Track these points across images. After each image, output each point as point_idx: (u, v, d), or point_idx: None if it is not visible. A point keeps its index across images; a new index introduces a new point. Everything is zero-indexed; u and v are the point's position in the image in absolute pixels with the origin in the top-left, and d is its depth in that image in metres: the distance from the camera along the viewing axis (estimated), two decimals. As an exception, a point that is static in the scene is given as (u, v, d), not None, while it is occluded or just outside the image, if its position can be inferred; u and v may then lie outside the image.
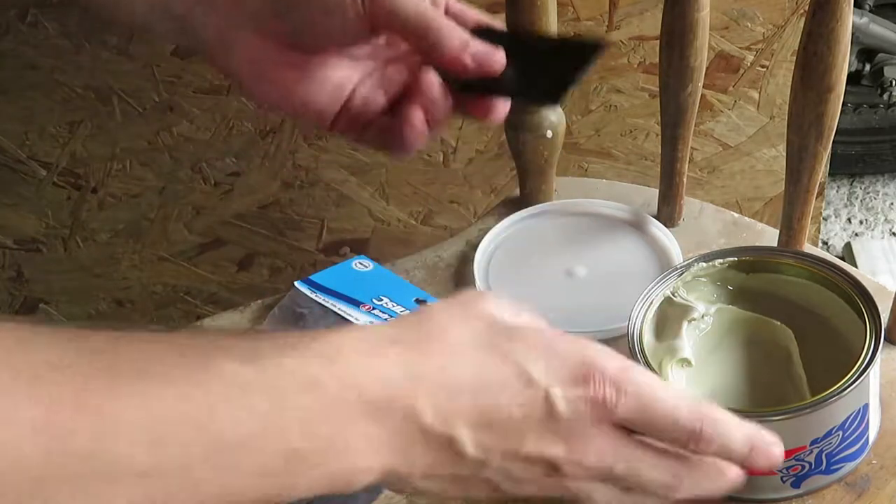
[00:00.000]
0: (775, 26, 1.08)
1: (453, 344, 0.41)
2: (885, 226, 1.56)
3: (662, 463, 0.43)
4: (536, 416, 0.41)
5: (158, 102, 1.10)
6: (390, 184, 1.17)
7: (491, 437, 0.41)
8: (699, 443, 0.43)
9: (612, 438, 0.42)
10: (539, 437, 0.41)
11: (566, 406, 0.41)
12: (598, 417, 0.42)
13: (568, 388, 0.41)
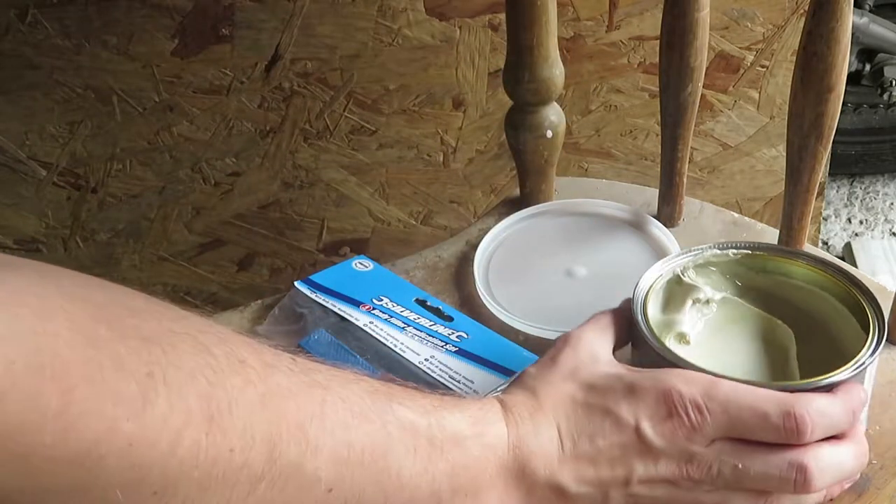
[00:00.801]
0: (775, 26, 1.08)
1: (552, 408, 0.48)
2: (885, 226, 1.56)
3: (774, 456, 0.46)
4: (636, 449, 0.46)
5: (158, 102, 1.10)
6: (390, 184, 1.17)
7: (596, 472, 0.46)
8: (798, 423, 0.45)
9: (712, 449, 0.46)
10: (645, 463, 0.46)
11: (658, 438, 0.46)
12: (692, 439, 0.46)
13: (655, 422, 0.46)
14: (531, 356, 0.67)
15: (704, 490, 0.47)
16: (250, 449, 0.38)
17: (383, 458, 0.42)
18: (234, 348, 0.39)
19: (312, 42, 1.07)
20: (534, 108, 0.77)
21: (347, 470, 0.41)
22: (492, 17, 1.06)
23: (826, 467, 0.47)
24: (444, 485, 0.44)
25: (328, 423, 0.41)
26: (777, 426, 0.45)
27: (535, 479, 0.46)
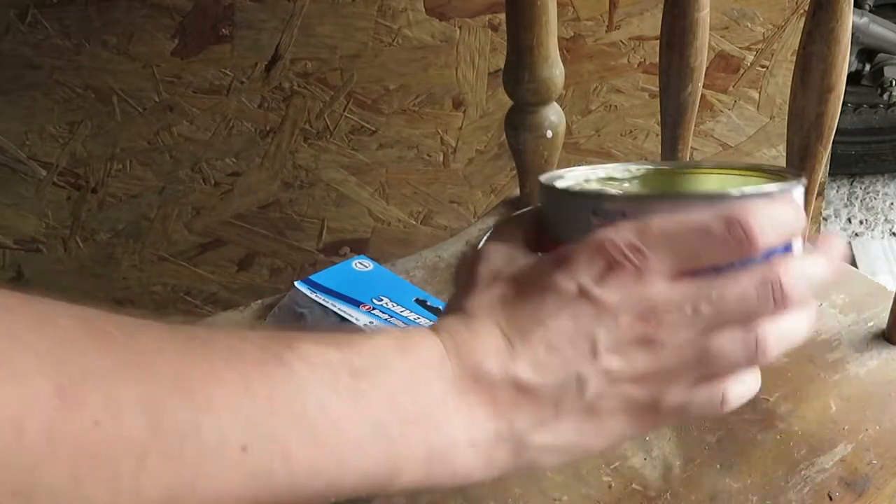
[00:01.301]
0: (775, 26, 1.08)
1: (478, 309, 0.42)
2: (885, 226, 1.56)
3: (742, 277, 0.40)
4: (589, 313, 0.40)
5: (158, 102, 1.10)
6: (390, 184, 1.17)
7: (557, 354, 0.40)
8: (745, 228, 0.40)
9: (675, 290, 0.40)
10: (605, 325, 0.40)
11: (607, 292, 0.40)
12: (642, 283, 0.40)
13: (597, 278, 0.40)
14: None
15: (685, 342, 0.40)
16: (120, 418, 0.32)
17: (300, 401, 0.36)
18: (88, 319, 0.34)
19: (312, 42, 1.07)
20: (534, 108, 0.77)
21: (258, 421, 0.35)
22: (492, 17, 1.06)
23: (800, 276, 0.41)
24: (385, 416, 0.37)
25: (219, 374, 0.35)
26: (723, 237, 0.40)
27: (493, 383, 0.39)
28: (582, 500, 0.60)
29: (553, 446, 0.41)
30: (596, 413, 0.41)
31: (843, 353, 0.68)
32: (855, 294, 0.73)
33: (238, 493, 0.35)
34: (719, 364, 0.41)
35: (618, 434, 0.41)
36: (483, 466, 0.40)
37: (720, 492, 0.59)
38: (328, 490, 0.37)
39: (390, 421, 0.37)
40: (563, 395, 0.40)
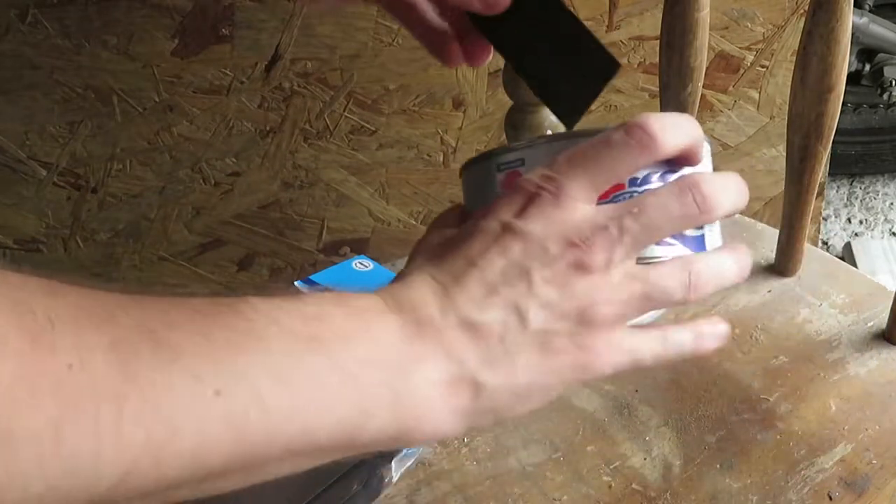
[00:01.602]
0: (775, 26, 1.08)
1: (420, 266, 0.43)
2: (885, 226, 1.56)
3: (663, 190, 0.41)
4: (516, 247, 0.41)
5: (158, 102, 1.10)
6: (390, 184, 1.17)
7: (493, 290, 0.40)
8: (644, 128, 0.41)
9: (596, 212, 0.41)
10: (536, 256, 0.40)
11: (530, 223, 0.41)
12: (562, 207, 0.41)
13: (519, 213, 0.41)
14: (531, 356, 0.67)
15: (620, 266, 0.41)
16: (93, 362, 0.32)
17: (262, 346, 0.36)
18: (45, 279, 0.34)
19: (312, 42, 1.07)
20: (534, 108, 0.77)
21: (226, 365, 0.35)
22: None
23: (718, 185, 0.42)
24: (345, 359, 0.38)
25: (180, 324, 0.35)
26: (626, 142, 0.41)
27: (436, 326, 0.40)
28: (582, 500, 0.60)
29: (510, 386, 0.40)
30: (546, 349, 0.40)
31: (843, 353, 0.68)
32: (855, 294, 0.73)
33: (217, 439, 0.35)
34: (658, 297, 0.41)
35: (572, 370, 0.41)
36: (447, 412, 0.40)
37: (720, 492, 0.59)
38: (304, 438, 0.37)
39: (349, 362, 0.38)
40: (506, 331, 0.40)
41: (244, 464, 0.37)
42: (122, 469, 0.33)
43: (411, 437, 0.40)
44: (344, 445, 0.39)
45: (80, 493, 0.33)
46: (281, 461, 0.38)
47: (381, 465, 0.60)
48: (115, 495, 0.34)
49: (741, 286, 0.74)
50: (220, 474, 0.36)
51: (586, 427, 0.64)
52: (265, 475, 0.38)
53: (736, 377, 0.67)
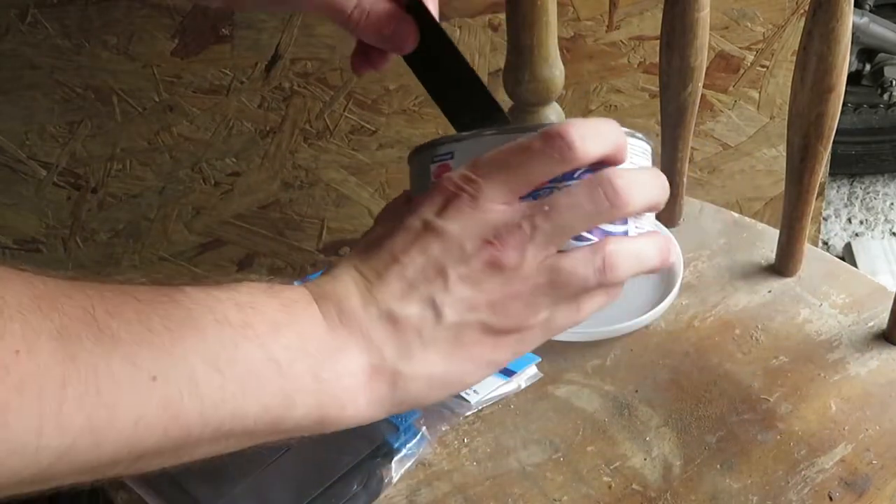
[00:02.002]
0: (775, 26, 1.08)
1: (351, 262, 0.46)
2: (885, 226, 1.56)
3: (573, 188, 0.43)
4: (434, 245, 0.43)
5: (158, 102, 1.10)
6: (390, 184, 1.17)
7: (412, 285, 0.43)
8: (563, 136, 0.42)
9: (510, 210, 0.43)
10: (452, 254, 0.43)
11: (448, 222, 0.43)
12: (478, 208, 0.43)
13: (439, 212, 0.43)
14: (531, 356, 0.67)
15: (533, 262, 0.43)
16: (39, 348, 0.34)
17: (198, 333, 0.38)
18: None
19: (312, 42, 1.07)
20: (534, 108, 0.77)
21: (163, 352, 0.37)
22: (492, 17, 1.06)
23: (631, 181, 0.43)
24: (272, 346, 0.40)
25: (120, 312, 0.37)
26: (544, 150, 0.42)
27: (357, 318, 0.42)
28: (582, 499, 0.60)
29: (426, 376, 0.43)
30: (460, 342, 0.43)
31: (843, 353, 0.68)
32: (855, 294, 0.73)
33: (152, 423, 0.37)
34: (571, 284, 0.43)
35: (487, 361, 0.44)
36: (367, 399, 0.42)
37: (720, 492, 0.59)
38: (234, 422, 0.39)
39: (277, 350, 0.40)
40: (423, 325, 0.42)
41: (178, 445, 0.39)
42: (62, 449, 0.35)
43: (332, 423, 0.42)
44: (270, 430, 0.41)
45: (21, 470, 0.35)
46: (212, 443, 0.40)
47: (381, 465, 0.60)
48: (53, 472, 0.36)
49: (741, 286, 0.74)
50: (155, 454, 0.38)
51: (586, 427, 0.64)
52: (197, 455, 0.40)
53: (736, 377, 0.67)
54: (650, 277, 0.71)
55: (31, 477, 0.35)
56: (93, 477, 0.38)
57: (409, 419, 0.62)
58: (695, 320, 0.71)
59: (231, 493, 0.58)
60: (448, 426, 0.63)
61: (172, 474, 0.59)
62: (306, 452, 0.60)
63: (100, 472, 0.38)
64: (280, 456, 0.60)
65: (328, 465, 0.60)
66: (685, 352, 0.69)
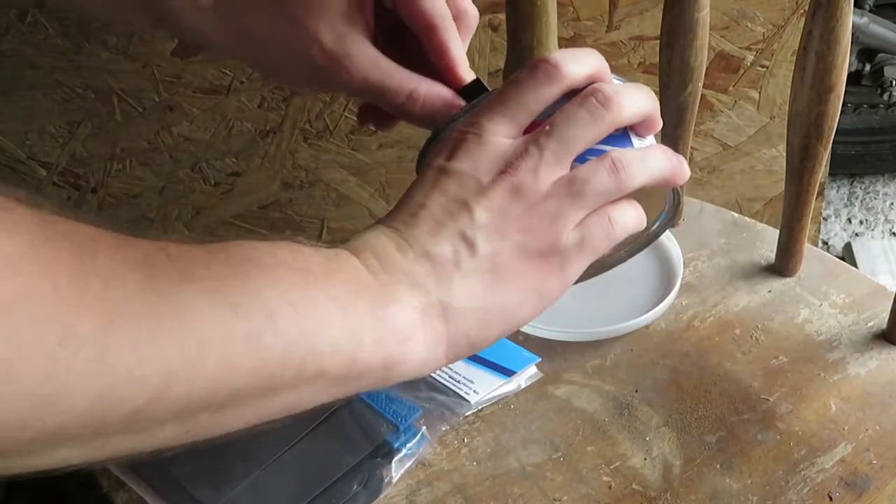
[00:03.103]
0: (775, 26, 1.08)
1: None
2: (885, 226, 1.56)
3: (567, 106, 0.45)
4: (451, 184, 0.45)
5: (158, 102, 1.10)
6: (390, 184, 1.17)
7: (441, 223, 0.44)
8: (547, 60, 0.46)
9: (518, 141, 0.45)
10: (470, 188, 0.45)
11: (459, 163, 0.45)
12: (485, 143, 0.45)
13: (451, 157, 0.46)
14: (531, 356, 0.67)
15: (548, 180, 0.44)
16: (125, 280, 0.35)
17: (261, 270, 0.39)
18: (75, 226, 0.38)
19: (312, 42, 1.07)
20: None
21: (237, 283, 0.38)
22: (492, 17, 1.06)
23: (619, 89, 0.46)
24: (333, 288, 0.41)
25: (180, 253, 0.38)
26: (532, 78, 0.46)
27: (396, 261, 0.44)
28: (582, 499, 0.60)
29: (475, 308, 0.44)
30: (500, 270, 0.44)
31: (843, 353, 0.68)
32: (855, 294, 0.73)
33: (238, 361, 0.37)
34: (589, 191, 0.45)
35: (535, 290, 0.45)
36: (425, 339, 0.43)
37: (720, 492, 0.59)
38: (312, 361, 0.40)
39: (336, 292, 0.41)
40: (459, 258, 0.44)
41: (261, 387, 0.39)
42: (157, 384, 0.35)
43: (398, 366, 0.43)
44: (343, 372, 0.41)
45: (120, 408, 0.35)
46: (293, 389, 0.40)
47: (381, 465, 0.61)
48: (150, 412, 0.36)
49: (741, 286, 0.74)
50: (240, 398, 0.38)
51: (586, 427, 0.64)
52: (278, 406, 0.41)
53: (736, 377, 0.67)
54: (650, 277, 0.71)
55: (127, 416, 0.35)
56: (181, 428, 0.38)
57: (408, 419, 0.62)
58: (695, 320, 0.71)
59: (231, 493, 0.58)
60: (448, 426, 0.64)
61: (172, 474, 0.59)
62: (306, 452, 0.60)
63: (189, 420, 0.38)
64: (280, 456, 0.60)
65: (328, 465, 0.60)
66: (685, 352, 0.69)
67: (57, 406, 0.33)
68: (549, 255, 0.44)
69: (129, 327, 0.34)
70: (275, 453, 0.60)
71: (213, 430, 0.40)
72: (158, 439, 0.37)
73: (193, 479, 0.59)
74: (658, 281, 0.73)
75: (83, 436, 0.35)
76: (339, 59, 0.53)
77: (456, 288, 0.43)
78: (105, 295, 0.34)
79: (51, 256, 0.34)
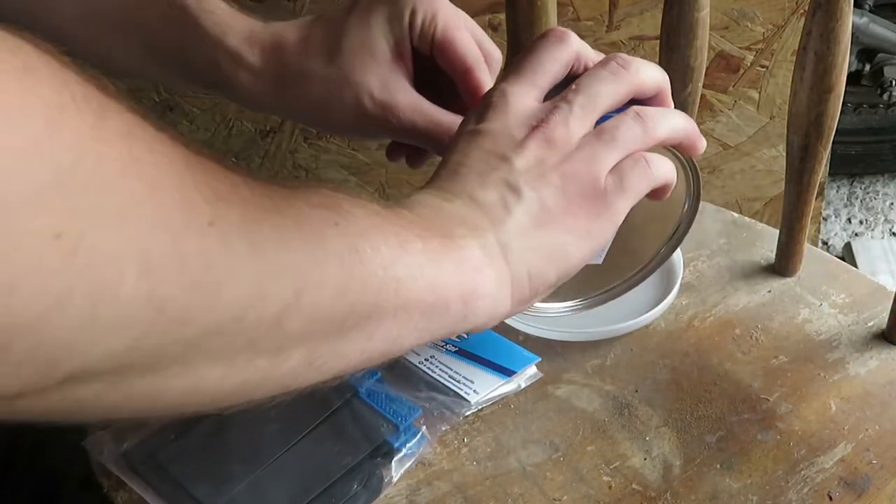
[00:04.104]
0: (775, 26, 1.08)
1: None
2: (885, 226, 1.56)
3: (593, 69, 0.49)
4: (486, 141, 0.47)
5: (158, 102, 1.10)
6: (390, 184, 1.17)
7: (484, 174, 0.46)
8: (558, 30, 0.50)
9: (548, 103, 0.48)
10: (506, 142, 0.47)
11: (488, 123, 0.48)
12: (511, 103, 0.48)
13: (481, 118, 0.48)
14: (531, 356, 0.67)
15: (579, 131, 0.47)
16: (250, 188, 0.36)
17: (346, 212, 0.40)
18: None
19: (312, 42, 1.07)
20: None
21: (333, 222, 0.39)
22: (492, 17, 1.06)
23: (631, 59, 0.50)
24: (414, 235, 0.42)
25: (266, 189, 0.38)
26: (546, 41, 0.50)
27: (448, 210, 0.45)
28: (582, 499, 0.60)
29: (532, 248, 0.46)
30: (549, 212, 0.46)
31: (843, 353, 0.68)
32: (855, 294, 0.73)
33: (350, 273, 0.38)
34: (619, 137, 0.47)
35: (586, 231, 0.47)
36: (492, 279, 0.44)
37: (720, 492, 0.59)
38: (402, 287, 0.40)
39: (409, 226, 0.42)
40: (508, 202, 0.46)
41: (369, 309, 0.39)
42: (294, 288, 0.36)
43: (476, 304, 0.44)
44: (431, 303, 0.42)
45: (265, 310, 0.35)
46: (394, 317, 0.41)
47: (381, 464, 0.61)
48: (287, 325, 0.36)
49: (741, 286, 0.74)
50: (354, 320, 0.39)
51: (586, 427, 0.64)
52: (381, 342, 0.41)
53: (736, 377, 0.67)
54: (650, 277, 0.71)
55: (270, 324, 0.35)
56: (305, 358, 0.38)
57: (408, 419, 0.63)
58: (695, 320, 0.72)
59: (231, 493, 0.58)
60: (448, 426, 0.64)
61: (172, 474, 0.59)
62: (306, 452, 0.60)
63: (313, 343, 0.38)
64: (280, 456, 0.60)
65: (328, 465, 0.60)
66: (685, 352, 0.69)
67: (216, 297, 0.32)
68: (592, 197, 0.46)
69: (265, 226, 0.35)
70: (275, 453, 0.60)
71: (330, 365, 0.40)
72: (286, 369, 0.37)
73: (193, 479, 0.59)
74: (658, 281, 0.73)
75: (232, 346, 0.34)
76: (387, 106, 0.57)
77: (510, 229, 0.45)
78: (239, 192, 0.34)
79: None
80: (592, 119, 0.48)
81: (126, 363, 0.31)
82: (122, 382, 0.32)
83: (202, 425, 0.62)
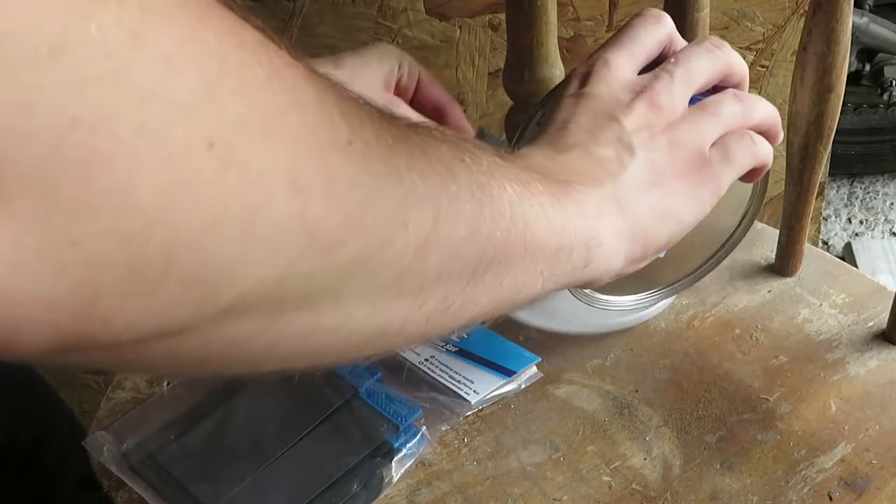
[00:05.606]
0: (775, 26, 1.08)
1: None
2: (885, 226, 1.56)
3: (688, 45, 0.51)
4: (593, 102, 0.48)
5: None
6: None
7: (594, 133, 0.46)
8: (652, 11, 0.51)
9: (648, 74, 0.49)
10: (613, 102, 0.47)
11: (593, 87, 0.48)
12: (613, 70, 0.49)
13: (577, 84, 0.50)
14: (531, 356, 0.67)
15: (682, 100, 0.48)
16: (383, 124, 0.35)
17: (476, 157, 0.39)
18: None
19: (312, 42, 1.07)
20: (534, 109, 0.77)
21: (467, 165, 0.39)
22: (492, 17, 1.06)
23: (721, 41, 0.52)
24: (536, 183, 0.42)
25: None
26: (643, 19, 0.51)
27: (562, 162, 0.45)
28: (582, 499, 0.60)
29: (646, 204, 0.46)
30: (659, 172, 0.46)
31: (843, 353, 0.68)
32: (855, 294, 0.73)
33: (479, 205, 0.38)
34: (721, 112, 0.48)
35: (693, 194, 0.47)
36: (610, 231, 0.44)
37: (720, 492, 0.59)
38: (528, 227, 0.40)
39: (526, 169, 0.42)
40: (621, 157, 0.46)
41: (499, 250, 0.39)
42: (431, 218, 0.35)
43: (598, 251, 0.44)
44: (556, 247, 0.42)
45: (409, 239, 0.34)
46: (521, 260, 0.40)
47: (381, 465, 0.61)
48: (426, 260, 0.35)
49: (741, 286, 0.74)
50: (485, 261, 0.38)
51: (586, 427, 0.64)
52: (510, 286, 0.41)
53: (736, 377, 0.67)
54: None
55: (413, 256, 0.34)
56: (441, 303, 0.37)
57: (408, 419, 0.63)
58: (695, 320, 0.72)
59: (231, 493, 0.58)
60: (448, 426, 0.64)
61: (172, 474, 0.59)
62: (306, 452, 0.60)
63: (448, 284, 0.37)
64: (280, 456, 0.60)
65: (328, 465, 0.60)
66: (685, 352, 0.69)
67: (363, 218, 0.31)
68: (699, 165, 0.47)
69: (399, 150, 0.34)
70: (275, 453, 0.60)
71: (464, 312, 0.39)
72: (424, 312, 0.37)
73: (193, 479, 0.59)
74: (658, 281, 0.73)
75: (378, 281, 0.34)
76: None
77: (626, 183, 0.45)
78: (368, 113, 0.33)
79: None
80: (691, 91, 0.49)
81: (280, 296, 0.30)
82: (276, 322, 0.31)
83: (202, 425, 0.62)
